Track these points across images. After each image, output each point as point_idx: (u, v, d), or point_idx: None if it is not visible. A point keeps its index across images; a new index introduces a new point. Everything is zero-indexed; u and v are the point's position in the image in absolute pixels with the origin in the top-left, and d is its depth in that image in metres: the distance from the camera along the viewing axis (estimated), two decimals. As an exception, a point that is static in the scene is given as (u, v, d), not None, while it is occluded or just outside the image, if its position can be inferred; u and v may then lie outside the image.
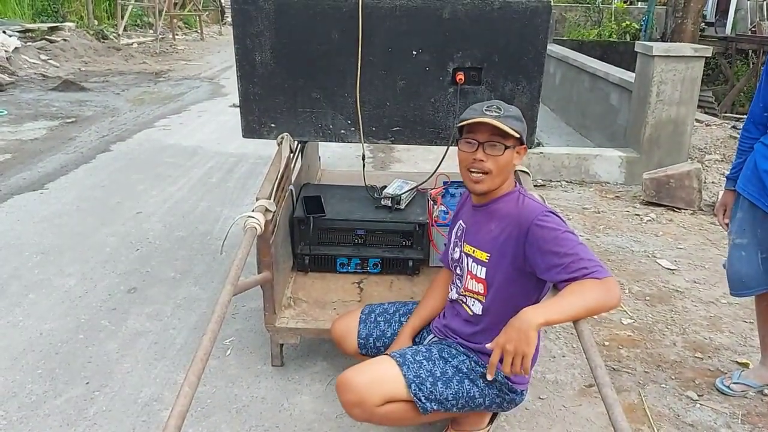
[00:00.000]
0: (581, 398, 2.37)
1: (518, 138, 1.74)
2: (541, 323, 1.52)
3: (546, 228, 1.66)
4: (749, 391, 2.39)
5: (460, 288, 1.91)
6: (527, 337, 1.50)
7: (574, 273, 1.57)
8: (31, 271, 3.29)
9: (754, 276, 2.25)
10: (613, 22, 14.02)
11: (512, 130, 1.71)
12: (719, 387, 2.41)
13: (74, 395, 2.33)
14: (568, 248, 1.61)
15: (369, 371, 1.79)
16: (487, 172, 1.75)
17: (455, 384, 1.81)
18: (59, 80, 9.04)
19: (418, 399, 1.76)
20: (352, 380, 1.75)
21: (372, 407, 1.73)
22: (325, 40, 2.41)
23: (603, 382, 1.37)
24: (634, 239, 3.91)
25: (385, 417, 1.78)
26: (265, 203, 2.15)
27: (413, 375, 1.77)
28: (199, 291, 3.11)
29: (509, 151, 1.75)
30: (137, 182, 4.74)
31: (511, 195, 1.82)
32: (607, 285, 1.56)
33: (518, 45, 2.39)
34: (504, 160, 1.74)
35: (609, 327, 2.86)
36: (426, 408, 1.78)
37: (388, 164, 5.49)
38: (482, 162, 1.74)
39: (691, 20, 8.66)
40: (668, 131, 4.99)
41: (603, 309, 1.59)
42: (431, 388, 1.78)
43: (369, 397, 1.72)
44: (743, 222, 2.26)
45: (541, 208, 1.74)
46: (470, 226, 1.90)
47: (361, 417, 1.78)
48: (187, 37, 16.79)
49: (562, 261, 1.60)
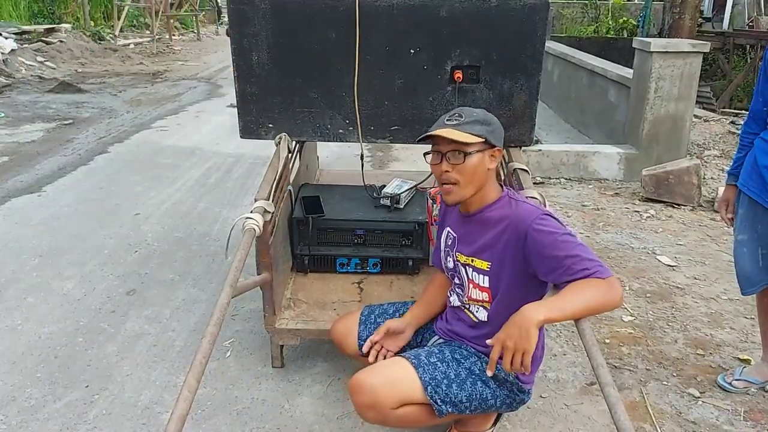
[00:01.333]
0: (583, 396, 2.36)
1: (483, 142, 1.72)
2: (542, 320, 1.52)
3: (544, 232, 1.65)
4: (751, 388, 2.38)
5: (463, 297, 1.89)
6: (528, 333, 1.50)
7: (577, 275, 1.57)
8: (29, 274, 3.27)
9: (756, 272, 2.24)
10: (610, 18, 14.00)
11: (470, 135, 1.69)
12: (721, 384, 2.41)
13: (74, 399, 2.32)
14: (568, 250, 1.60)
15: (383, 373, 1.76)
16: (455, 182, 1.73)
17: (469, 386, 1.79)
18: (56, 82, 9.03)
19: (435, 402, 1.74)
20: (366, 382, 1.72)
21: (387, 410, 1.70)
22: (322, 40, 2.40)
23: (605, 381, 1.36)
24: (633, 236, 3.90)
25: (399, 420, 1.75)
26: (264, 204, 2.14)
27: (429, 377, 1.75)
28: (198, 292, 3.10)
29: (474, 157, 1.71)
30: (135, 184, 4.73)
31: (501, 201, 1.79)
32: (610, 284, 1.55)
33: (516, 42, 2.38)
34: (469, 168, 1.71)
35: (610, 324, 2.86)
36: (442, 411, 1.75)
37: (387, 163, 5.49)
38: (448, 173, 1.73)
39: (688, 16, 8.65)
40: (667, 127, 4.98)
41: (605, 308, 1.58)
42: (446, 390, 1.76)
43: (384, 399, 1.69)
44: (744, 218, 2.25)
45: (537, 211, 1.72)
46: (461, 235, 1.88)
47: (375, 419, 1.75)
48: (184, 38, 16.80)
49: (563, 264, 1.59)
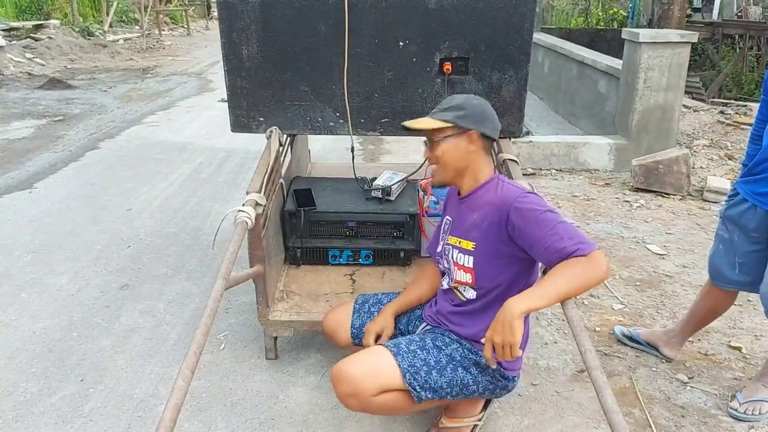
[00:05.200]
0: (573, 383, 2.39)
1: (454, 126, 1.79)
2: (524, 311, 1.55)
3: (525, 209, 1.68)
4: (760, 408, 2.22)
5: (451, 281, 1.92)
6: (512, 327, 1.55)
7: (557, 253, 1.60)
8: (22, 270, 3.28)
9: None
10: (600, 9, 14.03)
11: (437, 121, 1.80)
12: (735, 415, 2.23)
13: (69, 393, 2.33)
14: (549, 228, 1.63)
15: (363, 361, 1.80)
16: (437, 164, 1.85)
17: (449, 372, 1.82)
18: (45, 78, 8.97)
19: (413, 388, 1.78)
20: (347, 371, 1.76)
21: (367, 397, 1.74)
22: (311, 33, 2.41)
23: (593, 366, 1.39)
24: (623, 225, 3.94)
25: (380, 407, 1.79)
26: (256, 197, 2.15)
27: (408, 364, 1.79)
28: (192, 286, 3.11)
29: (446, 142, 1.80)
30: (127, 179, 4.73)
31: (490, 183, 1.84)
32: (592, 259, 1.57)
33: (504, 34, 2.40)
34: (446, 152, 1.81)
35: (600, 312, 2.89)
36: (421, 397, 1.79)
37: (378, 156, 5.50)
38: (429, 157, 1.85)
39: (677, 6, 8.68)
40: (656, 117, 5.01)
41: (590, 283, 1.59)
42: (426, 377, 1.79)
43: (364, 387, 1.73)
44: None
45: (520, 190, 1.76)
46: (455, 218, 1.92)
47: (357, 407, 1.79)
48: (174, 33, 16.69)
49: (545, 242, 1.62)
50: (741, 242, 2.21)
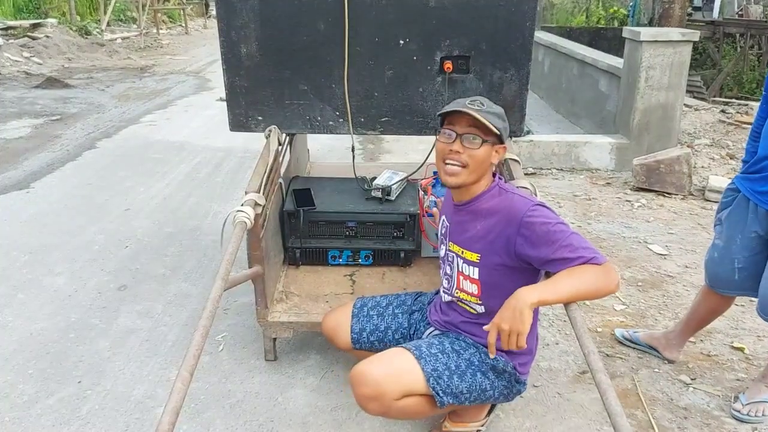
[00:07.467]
0: (575, 385, 2.37)
1: (498, 136, 1.72)
2: (535, 302, 1.53)
3: (536, 223, 1.65)
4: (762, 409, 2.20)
5: (452, 288, 1.89)
6: (522, 315, 1.52)
7: (573, 262, 1.58)
8: (19, 271, 3.25)
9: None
10: (601, 8, 14.01)
11: (492, 126, 1.68)
12: (738, 417, 2.21)
13: (66, 394, 2.31)
14: (563, 240, 1.60)
15: (386, 364, 1.75)
16: (464, 165, 1.72)
17: (469, 377, 1.79)
18: (43, 77, 8.93)
19: (437, 393, 1.74)
20: (369, 373, 1.71)
21: (390, 401, 1.70)
22: (311, 31, 2.38)
23: (596, 368, 1.37)
24: (625, 225, 3.92)
25: (400, 411, 1.75)
26: (255, 197, 2.13)
27: (431, 368, 1.75)
28: (190, 287, 3.09)
29: (487, 147, 1.72)
30: (124, 179, 4.70)
31: (491, 191, 1.79)
32: (605, 269, 1.57)
33: (506, 32, 2.37)
34: (481, 155, 1.71)
35: (602, 313, 2.87)
36: (443, 402, 1.76)
37: (378, 155, 5.47)
38: (458, 154, 1.71)
39: (678, 5, 8.66)
40: (657, 116, 4.99)
41: (600, 292, 1.59)
42: (448, 382, 1.76)
43: (387, 390, 1.69)
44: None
45: (529, 202, 1.72)
46: (453, 224, 1.88)
47: (377, 411, 1.74)
48: (172, 32, 16.64)
49: (558, 254, 1.60)
50: (740, 246, 2.19)
